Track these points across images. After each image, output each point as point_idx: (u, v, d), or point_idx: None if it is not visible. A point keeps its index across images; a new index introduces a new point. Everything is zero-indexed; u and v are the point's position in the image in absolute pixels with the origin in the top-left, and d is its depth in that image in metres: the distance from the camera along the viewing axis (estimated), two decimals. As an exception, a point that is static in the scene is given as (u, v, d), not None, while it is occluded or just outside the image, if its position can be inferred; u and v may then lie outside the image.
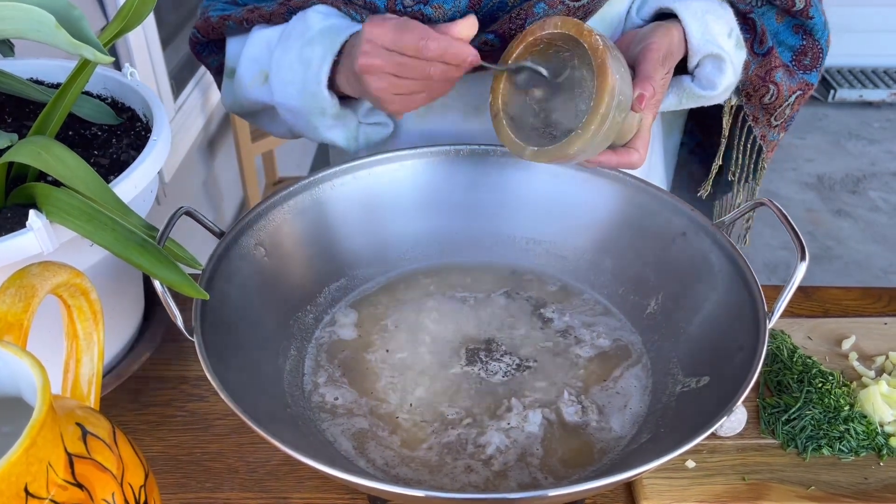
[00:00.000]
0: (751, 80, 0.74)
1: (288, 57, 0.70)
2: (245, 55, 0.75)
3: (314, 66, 0.68)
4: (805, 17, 0.75)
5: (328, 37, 0.68)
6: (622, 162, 0.64)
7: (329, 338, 0.67)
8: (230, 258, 0.62)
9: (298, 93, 0.70)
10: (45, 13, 0.45)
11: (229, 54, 0.79)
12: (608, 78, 0.56)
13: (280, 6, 0.73)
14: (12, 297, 0.41)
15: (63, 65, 0.73)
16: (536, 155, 0.61)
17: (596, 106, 0.57)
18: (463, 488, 0.55)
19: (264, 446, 0.64)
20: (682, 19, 0.67)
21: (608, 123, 0.57)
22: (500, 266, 0.75)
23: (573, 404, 0.61)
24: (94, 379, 0.48)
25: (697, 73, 0.69)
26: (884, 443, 0.63)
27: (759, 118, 0.79)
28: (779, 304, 0.55)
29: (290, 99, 0.71)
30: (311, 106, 0.70)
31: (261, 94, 0.75)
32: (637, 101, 0.60)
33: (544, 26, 0.60)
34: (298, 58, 0.70)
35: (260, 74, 0.75)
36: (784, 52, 0.77)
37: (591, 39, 0.57)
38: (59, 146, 0.53)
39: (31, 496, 0.35)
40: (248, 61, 0.75)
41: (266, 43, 0.74)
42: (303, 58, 0.69)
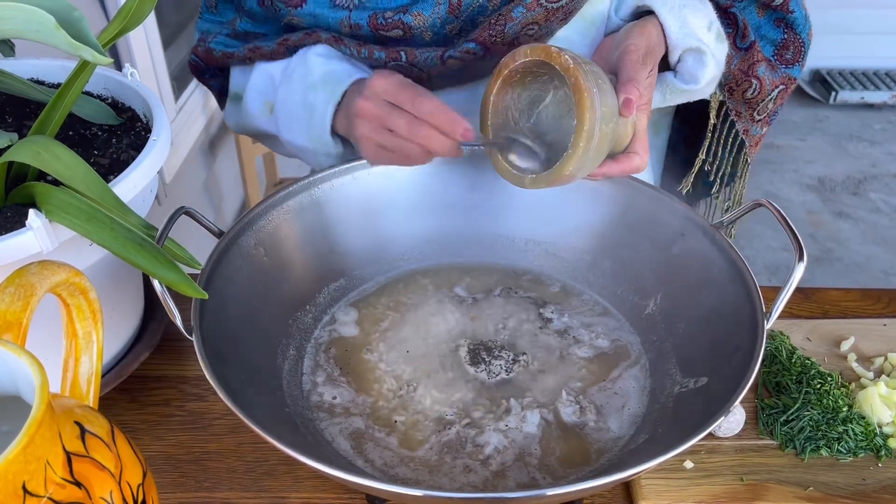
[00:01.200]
0: (733, 75, 0.75)
1: (292, 99, 0.72)
2: (251, 87, 0.76)
3: (318, 113, 0.69)
4: (786, 11, 0.75)
5: (330, 84, 0.69)
6: (625, 169, 0.64)
7: (328, 337, 0.67)
8: (229, 258, 0.62)
9: (304, 133, 0.72)
10: (45, 14, 0.45)
11: (234, 82, 0.80)
12: (584, 94, 0.56)
13: (279, 45, 0.73)
14: (11, 296, 0.41)
15: (63, 65, 0.73)
16: (535, 182, 0.60)
17: (579, 123, 0.56)
18: (461, 488, 0.55)
19: (263, 446, 0.64)
20: (659, 15, 0.67)
21: (596, 137, 0.57)
22: (499, 266, 0.75)
23: (571, 404, 0.61)
24: (92, 378, 0.48)
25: (679, 68, 0.69)
26: (882, 444, 0.63)
27: (741, 113, 0.80)
28: (777, 304, 0.55)
29: (296, 138, 0.73)
30: (316, 147, 0.71)
31: (267, 125, 0.76)
32: (624, 107, 0.60)
33: (515, 57, 0.60)
34: (302, 102, 0.71)
35: (265, 106, 0.76)
36: (766, 46, 0.77)
37: (562, 60, 0.57)
38: (59, 146, 0.53)
39: (30, 494, 0.35)
40: (255, 92, 0.76)
41: (270, 77, 0.75)
42: (307, 102, 0.70)
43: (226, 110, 0.84)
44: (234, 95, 0.81)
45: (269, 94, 0.76)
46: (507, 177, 0.63)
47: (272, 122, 0.76)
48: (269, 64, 0.75)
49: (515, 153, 0.63)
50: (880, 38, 3.51)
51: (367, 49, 0.70)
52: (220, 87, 0.85)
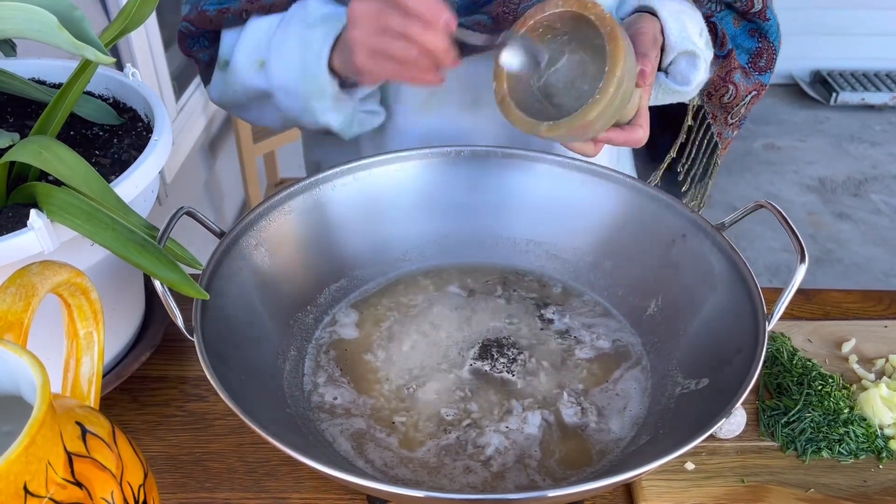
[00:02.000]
0: (712, 81, 0.78)
1: (289, 41, 0.72)
2: (242, 43, 0.76)
3: (314, 48, 0.69)
4: (762, 19, 0.79)
5: (329, 21, 0.70)
6: (629, 139, 0.65)
7: (329, 338, 0.67)
8: (231, 258, 0.62)
9: (298, 75, 0.71)
10: (47, 13, 0.45)
11: (224, 46, 0.79)
12: (619, 41, 0.58)
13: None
14: (13, 296, 0.41)
15: (65, 65, 0.73)
16: (553, 128, 0.61)
17: (611, 70, 0.58)
18: (461, 489, 0.55)
19: (264, 446, 0.64)
20: (661, 17, 0.69)
21: (622, 89, 0.58)
22: (500, 267, 0.75)
23: (573, 405, 0.61)
24: (93, 378, 0.48)
25: (672, 70, 0.72)
26: (883, 445, 0.63)
27: (717, 116, 0.83)
28: (778, 306, 0.55)
29: (289, 81, 0.72)
30: (310, 88, 0.71)
31: (256, 80, 0.76)
32: (640, 76, 0.62)
33: (545, 7, 0.61)
34: (299, 41, 0.71)
35: (256, 62, 0.76)
36: (741, 54, 0.80)
37: (598, 10, 0.59)
38: (60, 146, 0.53)
39: (31, 495, 0.35)
40: (245, 49, 0.76)
41: (265, 30, 0.75)
42: (304, 40, 0.70)
43: (212, 81, 0.83)
44: (223, 62, 0.80)
45: (260, 51, 0.75)
46: (521, 125, 0.63)
47: (262, 76, 0.75)
48: (264, 18, 0.75)
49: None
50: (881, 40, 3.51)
51: None
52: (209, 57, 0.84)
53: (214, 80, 0.82)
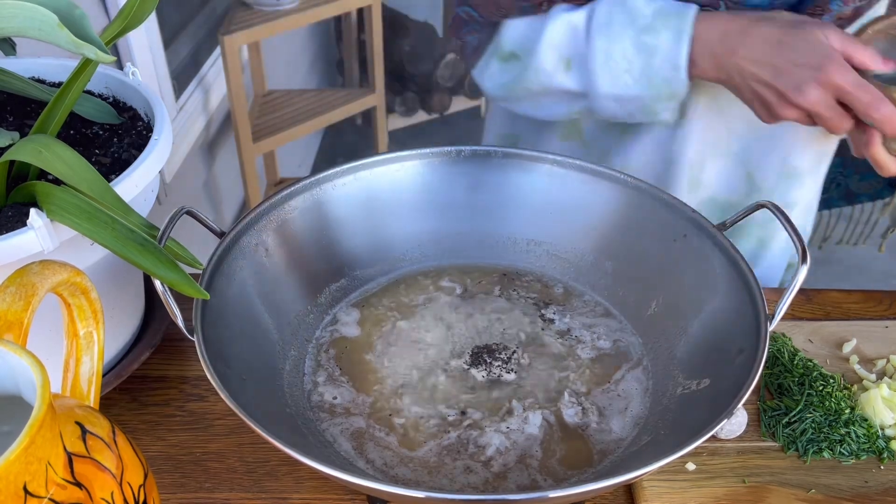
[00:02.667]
0: None
1: (618, 46, 0.71)
2: (546, 40, 0.75)
3: (663, 52, 0.68)
4: None
5: (671, 21, 0.69)
6: None
7: (329, 338, 0.67)
8: (231, 258, 0.62)
9: (637, 81, 0.71)
10: (47, 12, 0.45)
11: (509, 37, 0.78)
12: None
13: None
14: (12, 296, 0.41)
15: (65, 64, 0.73)
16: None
17: None
18: (462, 489, 0.55)
19: (264, 446, 0.64)
20: None
21: None
22: (500, 267, 0.74)
23: (573, 406, 0.61)
24: (93, 378, 0.48)
25: None
26: (884, 446, 0.63)
27: None
28: (780, 306, 0.55)
29: (622, 88, 0.71)
30: (656, 92, 0.70)
31: (562, 81, 0.75)
32: None
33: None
34: (635, 46, 0.70)
35: (562, 61, 0.75)
36: None
37: None
38: (60, 145, 0.53)
39: (30, 495, 0.35)
40: (549, 46, 0.75)
41: (571, 30, 0.74)
42: (642, 45, 0.69)
43: (484, 70, 0.81)
44: (505, 54, 0.78)
45: (567, 49, 0.74)
46: None
47: (572, 77, 0.74)
48: (568, 13, 0.74)
49: None
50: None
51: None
52: (478, 42, 0.82)
53: (490, 70, 0.80)
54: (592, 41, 0.72)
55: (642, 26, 0.69)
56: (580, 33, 0.74)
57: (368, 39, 2.48)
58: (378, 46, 2.46)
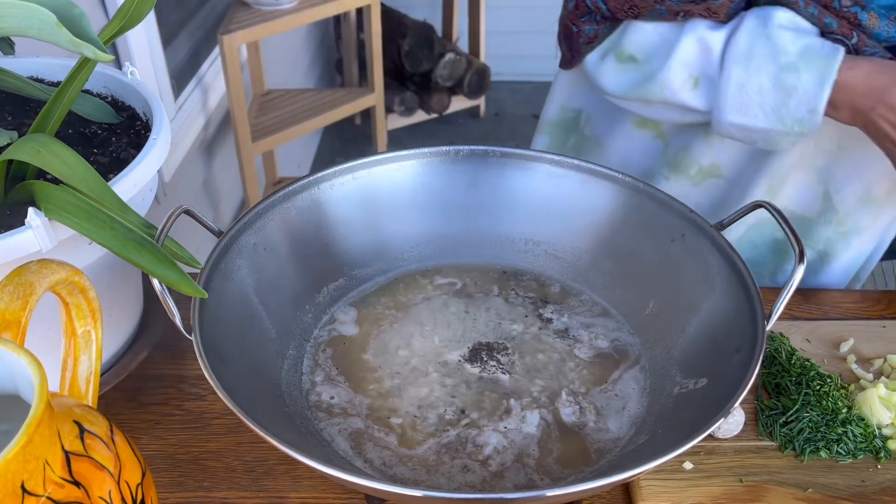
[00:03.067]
0: None
1: (755, 79, 0.70)
2: (677, 58, 0.74)
3: (802, 94, 0.68)
4: None
5: (817, 63, 0.68)
6: None
7: (327, 337, 0.67)
8: (229, 257, 0.62)
9: (767, 116, 0.70)
10: (45, 11, 0.45)
11: (632, 40, 0.77)
12: None
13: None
14: (10, 295, 0.41)
15: (63, 63, 0.73)
16: None
17: None
18: (459, 488, 0.55)
19: (262, 445, 0.64)
20: None
21: None
22: (498, 267, 0.75)
23: (571, 405, 0.61)
24: (91, 377, 0.48)
25: None
26: (881, 445, 0.63)
27: None
28: (777, 306, 0.55)
29: (750, 119, 0.71)
30: (785, 129, 0.70)
31: (687, 98, 0.75)
32: None
33: None
34: (773, 83, 0.69)
35: (690, 79, 0.74)
36: None
37: None
38: (58, 144, 0.53)
39: (28, 493, 0.35)
40: (680, 64, 0.74)
41: (706, 50, 0.73)
42: (781, 84, 0.69)
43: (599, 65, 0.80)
44: (624, 55, 0.77)
45: (697, 68, 0.73)
46: None
47: (698, 96, 0.74)
48: (706, 31, 0.72)
49: None
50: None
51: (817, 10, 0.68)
52: (593, 34, 0.80)
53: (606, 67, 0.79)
54: (728, 68, 0.71)
55: (785, 64, 0.68)
56: (714, 55, 0.72)
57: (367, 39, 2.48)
58: (377, 46, 2.46)
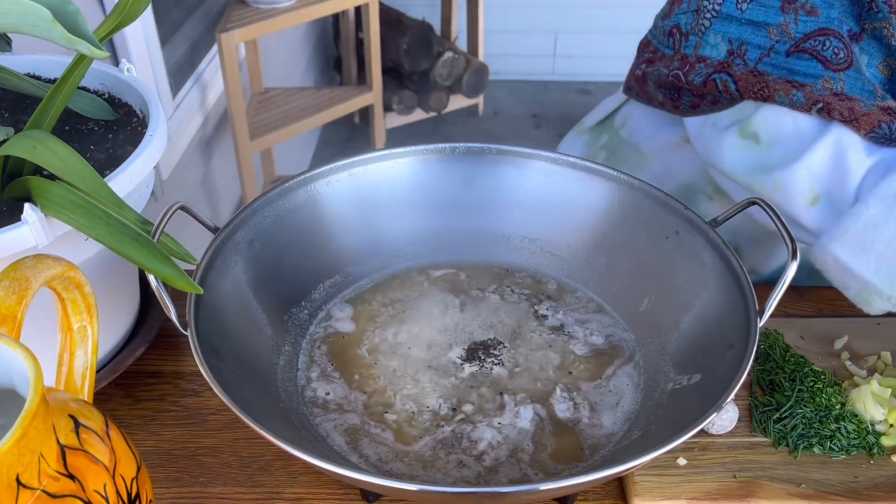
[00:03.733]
0: None
1: (891, 228, 0.63)
2: (804, 162, 0.66)
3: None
4: None
5: None
6: None
7: (323, 333, 0.67)
8: (225, 253, 0.62)
9: (881, 271, 0.63)
10: (41, 8, 0.45)
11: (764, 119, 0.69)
12: None
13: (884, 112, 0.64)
14: (6, 290, 0.41)
15: (60, 60, 0.73)
16: None
17: None
18: (454, 483, 0.55)
19: (258, 441, 0.64)
20: None
21: None
22: (494, 264, 0.75)
23: (565, 401, 0.61)
24: (87, 372, 0.48)
25: None
26: (874, 442, 0.63)
27: None
28: (770, 302, 0.56)
29: (861, 265, 0.64)
30: (890, 293, 0.63)
31: (802, 214, 0.68)
32: None
33: None
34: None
35: (810, 192, 0.67)
36: None
37: None
38: (54, 140, 0.53)
39: (23, 487, 0.35)
40: (805, 170, 0.66)
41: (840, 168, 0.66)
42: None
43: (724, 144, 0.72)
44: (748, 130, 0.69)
45: (824, 184, 0.66)
46: None
47: (812, 215, 0.67)
48: (850, 150, 0.65)
49: None
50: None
51: None
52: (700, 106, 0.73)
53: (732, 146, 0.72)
54: (866, 201, 0.64)
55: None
56: (851, 180, 0.65)
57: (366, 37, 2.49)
58: (375, 44, 2.46)
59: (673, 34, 0.78)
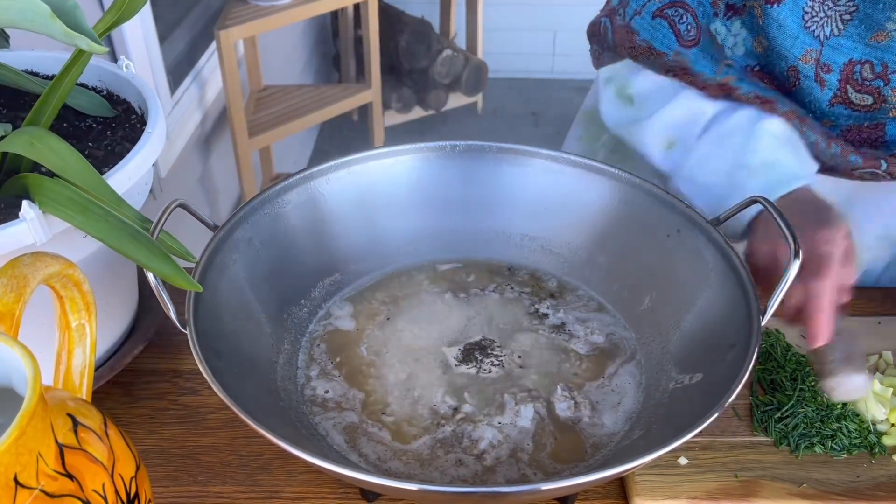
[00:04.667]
0: None
1: (714, 163, 0.71)
2: (661, 117, 0.74)
3: (740, 197, 0.64)
4: None
5: (770, 177, 0.67)
6: None
7: (323, 332, 0.67)
8: (224, 251, 0.62)
9: (710, 199, 0.70)
10: (40, 3, 0.45)
11: (635, 81, 0.77)
12: None
13: (719, 87, 0.71)
14: (4, 288, 0.40)
15: (58, 56, 0.72)
16: None
17: None
18: (452, 482, 0.55)
19: (257, 440, 0.64)
20: None
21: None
22: (494, 262, 0.75)
23: (566, 400, 0.61)
24: (86, 371, 0.48)
25: None
26: (876, 441, 0.63)
27: None
28: (772, 301, 0.55)
29: (699, 195, 0.71)
30: (721, 208, 0.67)
31: (657, 158, 0.75)
32: None
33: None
34: (727, 173, 0.70)
35: (666, 140, 0.74)
36: None
37: None
38: (52, 137, 0.53)
39: (21, 486, 0.35)
40: (662, 124, 0.74)
41: (694, 117, 0.73)
42: (733, 179, 0.69)
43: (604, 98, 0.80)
44: (623, 94, 0.77)
45: (677, 131, 0.74)
46: None
47: (666, 157, 0.74)
48: (700, 101, 0.72)
49: None
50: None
51: (840, 148, 0.67)
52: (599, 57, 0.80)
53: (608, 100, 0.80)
54: (700, 140, 0.71)
55: (744, 163, 0.68)
56: (698, 125, 0.72)
57: (365, 35, 2.48)
58: (374, 42, 2.46)
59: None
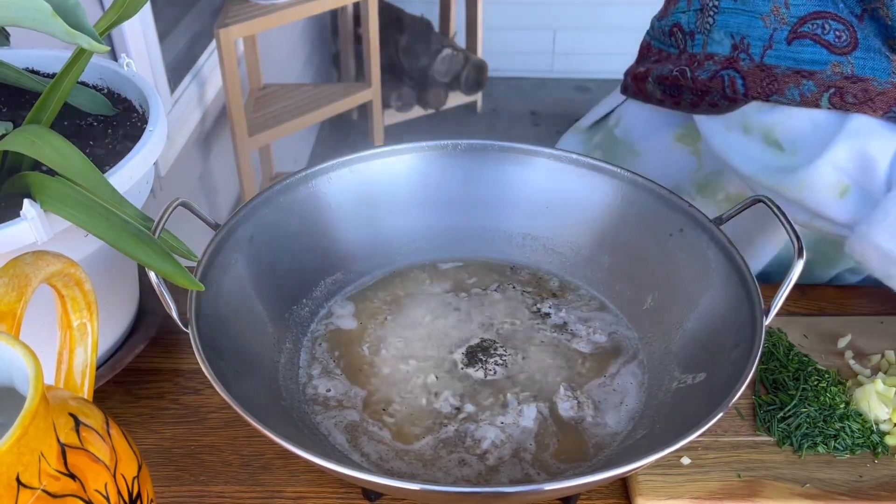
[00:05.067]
0: None
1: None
2: (827, 158, 0.64)
3: None
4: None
5: None
6: None
7: (324, 331, 0.67)
8: (226, 250, 0.61)
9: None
10: (41, 1, 0.45)
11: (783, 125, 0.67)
12: None
13: None
14: (5, 287, 0.40)
15: (59, 55, 0.72)
16: None
17: None
18: (455, 482, 0.55)
19: (258, 440, 0.64)
20: None
21: None
22: (496, 261, 0.74)
23: (569, 399, 0.61)
24: (87, 370, 0.48)
25: None
26: (879, 441, 0.63)
27: None
28: (775, 301, 0.55)
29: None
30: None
31: (833, 209, 0.65)
32: None
33: None
34: None
35: (838, 186, 0.64)
36: None
37: None
38: (53, 135, 0.53)
39: (24, 486, 0.34)
40: (830, 166, 0.64)
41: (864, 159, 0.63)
42: None
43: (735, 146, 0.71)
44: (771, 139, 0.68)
45: (851, 177, 0.64)
46: None
47: (843, 207, 0.64)
48: (869, 141, 0.62)
49: None
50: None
51: None
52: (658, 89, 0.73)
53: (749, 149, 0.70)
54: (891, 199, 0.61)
55: None
56: (880, 169, 0.63)
57: (364, 34, 2.48)
58: (374, 41, 2.46)
59: (674, 34, 0.77)
